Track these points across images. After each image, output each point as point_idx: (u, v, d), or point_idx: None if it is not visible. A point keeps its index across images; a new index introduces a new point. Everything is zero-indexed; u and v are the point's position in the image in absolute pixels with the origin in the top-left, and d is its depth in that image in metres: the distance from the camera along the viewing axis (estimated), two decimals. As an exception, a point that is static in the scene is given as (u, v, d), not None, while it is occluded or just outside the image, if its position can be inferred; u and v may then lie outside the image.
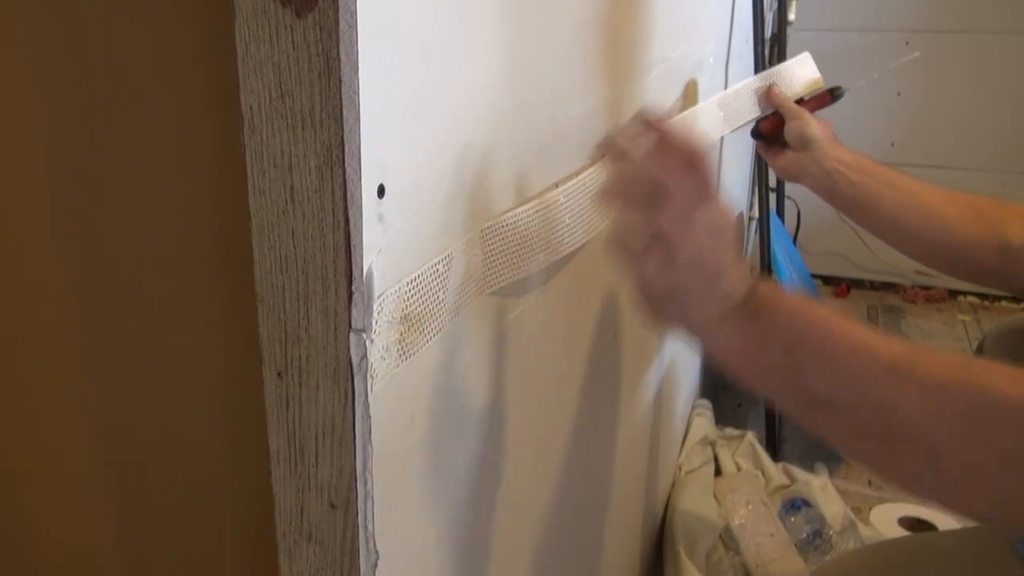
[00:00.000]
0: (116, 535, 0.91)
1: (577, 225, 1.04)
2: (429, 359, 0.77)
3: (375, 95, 0.63)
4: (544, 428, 1.12)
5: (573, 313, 1.18)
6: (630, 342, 1.57)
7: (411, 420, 0.75)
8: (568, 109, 1.04)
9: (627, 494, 1.71)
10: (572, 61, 1.04)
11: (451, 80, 0.75)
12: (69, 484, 0.92)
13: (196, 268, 0.77)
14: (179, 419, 0.83)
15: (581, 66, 1.08)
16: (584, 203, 1.06)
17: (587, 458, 1.36)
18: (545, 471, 1.15)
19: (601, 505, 1.51)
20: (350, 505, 0.71)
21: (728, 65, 2.29)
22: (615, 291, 1.40)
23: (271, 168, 0.65)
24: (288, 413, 0.71)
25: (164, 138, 0.75)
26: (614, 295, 1.39)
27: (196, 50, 0.71)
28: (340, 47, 0.60)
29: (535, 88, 0.94)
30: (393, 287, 0.69)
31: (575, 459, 1.28)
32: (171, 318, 0.80)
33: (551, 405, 1.14)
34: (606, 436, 1.47)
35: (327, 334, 0.67)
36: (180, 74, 0.73)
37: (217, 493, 0.85)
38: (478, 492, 0.94)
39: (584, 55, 1.08)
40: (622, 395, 1.56)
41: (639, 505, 1.87)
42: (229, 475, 0.83)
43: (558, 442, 1.19)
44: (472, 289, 0.83)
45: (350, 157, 0.62)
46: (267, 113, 0.63)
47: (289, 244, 0.66)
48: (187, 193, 0.75)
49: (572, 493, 1.29)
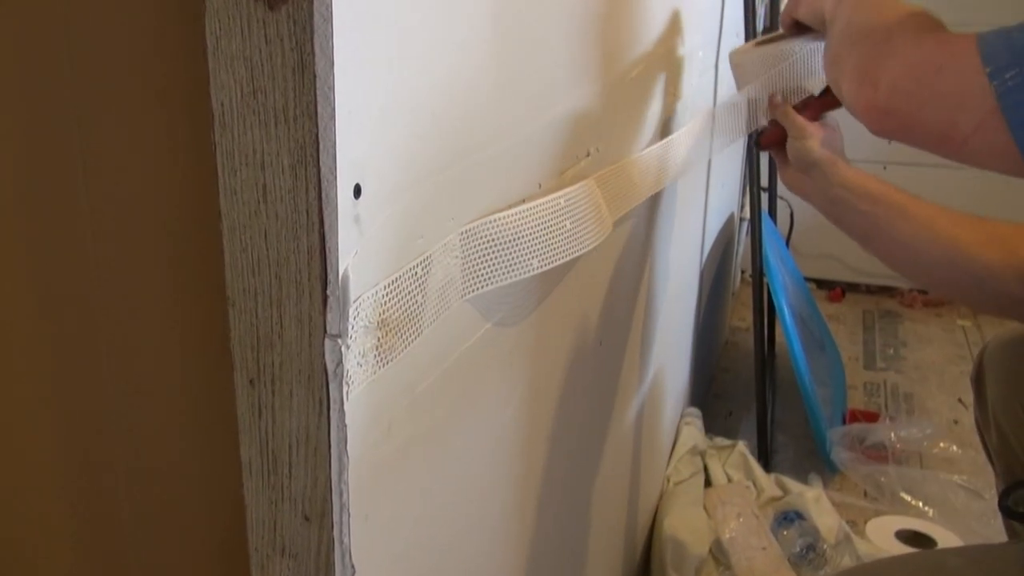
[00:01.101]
0: (81, 547, 0.91)
1: (582, 231, 1.03)
2: (407, 366, 0.77)
3: (351, 91, 0.63)
4: (526, 437, 1.12)
5: (556, 319, 1.18)
6: (615, 349, 1.57)
7: (388, 429, 0.76)
8: (553, 106, 1.05)
9: (612, 505, 1.72)
10: (557, 57, 1.05)
11: (431, 75, 0.75)
12: (33, 493, 0.91)
13: (164, 271, 0.77)
14: (147, 428, 0.83)
15: (566, 62, 1.08)
16: (589, 210, 1.05)
17: (570, 468, 1.36)
18: (527, 481, 1.15)
19: (585, 516, 1.51)
20: (325, 517, 0.71)
21: (718, 62, 2.30)
22: (600, 296, 1.40)
23: (243, 167, 0.65)
24: (260, 422, 0.71)
25: (131, 136, 0.74)
26: (599, 300, 1.40)
27: (164, 44, 0.71)
28: (315, 41, 0.60)
29: (520, 84, 0.94)
30: (370, 291, 0.69)
31: (558, 469, 1.28)
32: (139, 323, 0.80)
33: (533, 413, 1.14)
34: (591, 445, 1.48)
35: (301, 340, 0.67)
36: (147, 69, 0.72)
37: (186, 505, 0.85)
38: (458, 503, 0.94)
39: (570, 50, 1.09)
40: (607, 403, 1.56)
41: (625, 517, 1.87)
42: (199, 486, 0.83)
43: (540, 451, 1.19)
44: (452, 293, 0.83)
45: (325, 156, 0.62)
46: (238, 110, 0.64)
47: (261, 246, 0.66)
48: (155, 194, 0.75)
49: (555, 504, 1.29)
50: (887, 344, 3.44)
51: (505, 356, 1.01)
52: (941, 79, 0.98)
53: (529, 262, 0.93)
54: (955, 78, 0.97)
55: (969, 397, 1.83)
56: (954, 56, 0.97)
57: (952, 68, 0.97)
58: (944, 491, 2.45)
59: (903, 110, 1.02)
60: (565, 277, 1.18)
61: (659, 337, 1.98)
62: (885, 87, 1.04)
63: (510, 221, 0.91)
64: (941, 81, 0.98)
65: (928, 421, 2.79)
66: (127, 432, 0.84)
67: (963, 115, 0.96)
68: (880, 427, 2.70)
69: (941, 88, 0.98)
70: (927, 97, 1.00)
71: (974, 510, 2.36)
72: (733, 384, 3.10)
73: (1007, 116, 0.92)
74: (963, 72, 0.96)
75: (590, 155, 1.20)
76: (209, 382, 0.77)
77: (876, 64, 1.06)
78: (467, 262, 0.86)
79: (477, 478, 0.98)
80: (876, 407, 2.96)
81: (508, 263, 0.90)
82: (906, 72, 1.02)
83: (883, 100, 1.04)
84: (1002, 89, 0.92)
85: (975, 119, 0.95)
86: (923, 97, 1.00)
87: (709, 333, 2.93)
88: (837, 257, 3.82)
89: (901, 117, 1.03)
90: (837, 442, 2.57)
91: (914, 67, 1.01)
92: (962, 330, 3.57)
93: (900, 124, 1.04)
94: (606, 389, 1.54)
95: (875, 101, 1.06)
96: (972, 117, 0.95)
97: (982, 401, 1.65)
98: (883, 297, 3.86)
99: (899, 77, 1.03)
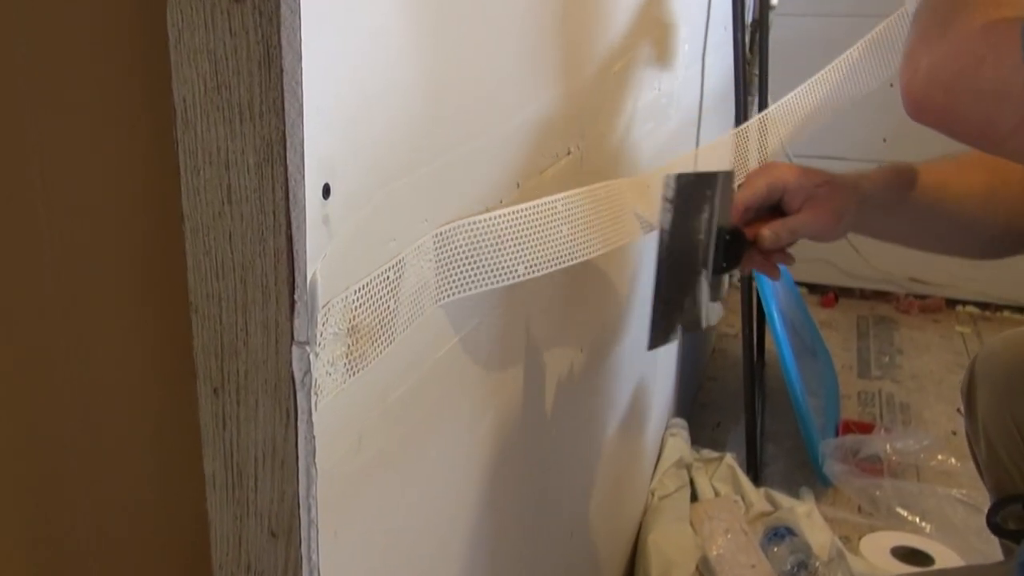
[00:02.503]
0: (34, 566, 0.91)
1: (582, 237, 1.02)
2: (379, 374, 0.78)
3: (320, 86, 0.63)
4: (503, 449, 1.12)
5: (535, 326, 1.19)
6: (597, 356, 1.57)
7: (359, 441, 0.76)
8: (531, 103, 1.05)
9: (594, 521, 1.72)
10: (535, 53, 1.05)
11: (403, 70, 0.75)
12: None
13: (124, 275, 0.77)
14: (106, 439, 0.83)
15: (544, 58, 1.08)
16: (589, 215, 1.04)
17: (550, 482, 1.37)
18: (504, 495, 1.15)
19: (566, 532, 1.51)
20: (292, 534, 0.71)
21: (705, 55, 2.31)
22: (582, 302, 1.40)
23: (206, 166, 0.65)
24: (225, 433, 0.71)
25: (90, 133, 0.74)
26: (580, 306, 1.40)
27: (123, 36, 0.71)
28: (281, 34, 0.61)
29: (496, 81, 0.95)
30: (339, 296, 0.69)
31: (537, 483, 1.29)
32: (97, 329, 0.80)
33: (511, 424, 1.14)
34: (571, 457, 1.48)
35: (267, 347, 0.68)
36: (106, 63, 0.72)
37: (147, 520, 0.84)
38: (431, 518, 0.94)
39: (547, 46, 1.09)
40: (588, 414, 1.57)
41: (607, 533, 1.88)
42: (160, 500, 0.83)
43: (518, 464, 1.19)
44: (426, 299, 0.84)
45: (292, 154, 0.63)
46: (202, 106, 0.64)
47: (226, 249, 0.66)
48: (115, 194, 0.75)
49: (533, 519, 1.30)
50: (882, 351, 3.45)
51: (481, 364, 1.01)
52: (981, 72, 0.95)
53: (514, 268, 0.92)
54: (995, 72, 0.93)
55: (968, 408, 1.83)
56: (996, 47, 0.94)
57: (992, 61, 0.94)
58: (942, 506, 2.46)
59: (940, 103, 0.99)
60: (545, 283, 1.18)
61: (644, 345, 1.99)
62: (923, 74, 1.00)
63: (492, 224, 0.91)
64: (981, 75, 0.95)
65: (925, 432, 2.80)
66: (85, 444, 0.84)
67: (1002, 112, 0.94)
68: (875, 438, 2.70)
69: (980, 83, 0.95)
70: (965, 91, 0.97)
71: (973, 526, 2.36)
72: (721, 394, 3.10)
73: None
74: (1003, 65, 0.93)
75: (571, 153, 1.20)
76: (171, 391, 0.77)
77: (925, 43, 1.01)
78: (442, 266, 0.86)
79: (452, 492, 0.99)
80: (871, 417, 2.97)
81: (489, 268, 0.90)
82: (947, 60, 0.98)
83: (919, 88, 1.01)
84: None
85: (1015, 117, 0.93)
86: (961, 90, 0.97)
87: (696, 340, 2.94)
88: (829, 260, 3.82)
89: (938, 110, 1.00)
90: (830, 454, 2.58)
91: (956, 56, 0.97)
92: (961, 337, 3.58)
93: (936, 117, 1.01)
94: (587, 398, 1.54)
95: (912, 88, 1.02)
96: (1012, 115, 0.93)
97: (972, 413, 1.66)
98: (878, 302, 3.87)
99: (939, 65, 0.99)
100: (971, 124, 0.98)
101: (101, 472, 0.84)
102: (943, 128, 1.01)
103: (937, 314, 3.77)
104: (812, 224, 1.33)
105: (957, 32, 0.98)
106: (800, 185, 1.33)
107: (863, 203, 1.35)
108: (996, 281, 3.69)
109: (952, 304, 3.83)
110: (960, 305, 3.83)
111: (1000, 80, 0.93)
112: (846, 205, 1.34)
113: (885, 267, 3.76)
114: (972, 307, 3.82)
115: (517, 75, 1.01)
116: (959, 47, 0.97)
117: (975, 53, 0.95)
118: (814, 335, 3.16)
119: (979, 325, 3.69)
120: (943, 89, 0.98)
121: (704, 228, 1.27)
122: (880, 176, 1.37)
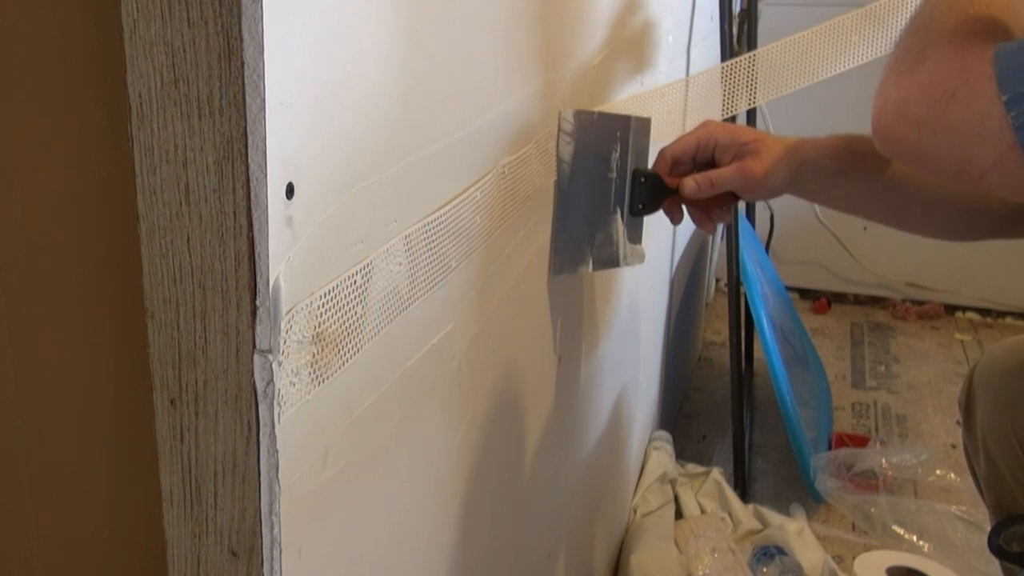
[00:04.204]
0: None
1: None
2: (346, 384, 0.78)
3: (283, 80, 0.64)
4: (477, 463, 1.13)
5: (509, 333, 1.19)
6: (575, 366, 1.58)
7: (325, 455, 0.76)
8: (508, 98, 1.06)
9: (572, 540, 1.72)
10: (515, 44, 1.06)
11: (371, 63, 0.76)
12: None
13: (76, 279, 0.77)
14: (55, 452, 0.83)
15: (525, 49, 1.09)
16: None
17: (526, 498, 1.37)
18: (478, 513, 1.15)
19: (542, 553, 1.52)
20: (254, 553, 0.71)
21: (690, 47, 2.31)
22: (559, 308, 1.41)
23: (163, 164, 0.65)
24: (182, 446, 0.71)
25: (38, 130, 0.74)
26: (558, 312, 1.41)
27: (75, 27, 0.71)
28: (243, 24, 0.61)
29: (471, 74, 0.95)
30: (304, 301, 0.70)
31: (512, 499, 1.29)
32: (47, 337, 0.79)
33: (485, 437, 1.14)
34: (548, 472, 1.48)
35: (227, 355, 0.68)
36: (57, 56, 0.72)
37: (100, 539, 0.84)
38: (401, 537, 0.94)
39: (528, 36, 1.09)
40: (567, 426, 1.57)
41: (587, 553, 1.88)
42: (114, 519, 0.83)
43: (492, 480, 1.20)
44: (396, 304, 0.84)
45: (254, 151, 0.63)
46: (158, 101, 0.64)
47: (184, 252, 0.67)
48: (66, 194, 0.75)
49: (509, 537, 1.30)
50: (877, 360, 3.47)
51: (453, 374, 1.01)
52: (954, 108, 0.94)
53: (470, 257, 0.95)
54: (968, 107, 0.93)
55: (968, 420, 1.84)
56: (968, 81, 0.93)
57: (966, 95, 0.93)
58: (941, 523, 2.46)
59: (912, 141, 0.99)
60: (519, 286, 1.19)
61: (625, 353, 2.00)
62: (893, 108, 1.00)
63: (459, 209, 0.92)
64: (954, 110, 0.94)
65: (923, 446, 2.81)
66: (33, 457, 0.84)
67: (980, 149, 0.93)
68: (870, 452, 2.71)
69: (953, 119, 0.94)
70: (939, 128, 0.96)
71: (974, 545, 2.37)
72: (707, 405, 3.11)
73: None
74: (978, 100, 0.92)
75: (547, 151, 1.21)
76: (125, 402, 0.77)
77: (896, 76, 1.02)
78: (414, 267, 0.86)
79: (423, 509, 0.99)
80: (865, 430, 2.98)
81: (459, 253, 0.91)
82: (918, 95, 0.98)
83: (889, 124, 1.01)
84: (1020, 121, 0.90)
85: (993, 154, 0.92)
86: (935, 128, 0.96)
87: (680, 348, 2.94)
88: (822, 264, 3.84)
89: (910, 147, 1.00)
90: (822, 469, 2.59)
91: (927, 90, 0.97)
92: (960, 345, 3.60)
93: (908, 153, 1.01)
94: (565, 410, 1.54)
95: (882, 123, 1.02)
96: (990, 152, 0.92)
97: (971, 426, 1.66)
98: (873, 308, 3.88)
99: (909, 100, 0.98)
100: (946, 162, 0.97)
101: (50, 488, 0.84)
102: (916, 165, 1.03)
103: (935, 321, 3.78)
104: (734, 177, 1.41)
105: (927, 66, 0.98)
106: (731, 141, 1.42)
107: (802, 166, 1.40)
108: (998, 286, 3.70)
109: (951, 310, 3.84)
110: (960, 311, 3.84)
111: (974, 116, 0.93)
112: (776, 164, 1.40)
113: (881, 271, 3.77)
114: (972, 313, 3.83)
115: (492, 69, 1.02)
116: (930, 81, 0.97)
117: (947, 87, 0.95)
118: (806, 343, 3.17)
119: (980, 332, 3.70)
120: (914, 126, 0.98)
121: (615, 168, 1.42)
122: (829, 143, 1.41)
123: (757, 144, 1.41)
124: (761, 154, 1.40)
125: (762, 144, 1.41)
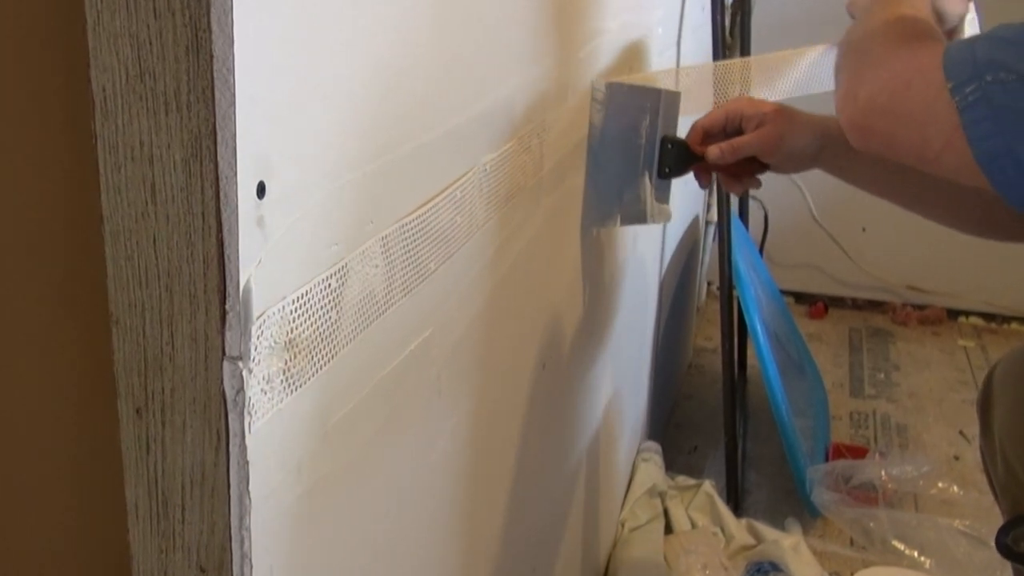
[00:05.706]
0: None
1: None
2: (320, 393, 0.78)
3: (254, 74, 0.64)
4: (458, 475, 1.13)
5: (492, 339, 1.19)
6: (561, 374, 1.58)
7: (298, 466, 0.76)
8: (490, 90, 1.06)
9: (558, 556, 1.72)
10: (495, 35, 1.06)
11: (348, 56, 0.76)
12: None
13: (38, 283, 0.77)
14: (16, 464, 0.83)
15: (503, 44, 1.09)
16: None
17: (509, 512, 1.37)
18: (458, 528, 1.16)
19: (527, 568, 1.52)
20: (223, 569, 0.71)
21: (680, 39, 2.32)
22: (543, 312, 1.41)
23: (128, 162, 0.65)
24: (149, 458, 0.71)
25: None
26: (542, 317, 1.41)
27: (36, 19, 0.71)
28: (211, 16, 0.61)
29: (451, 66, 0.95)
30: (276, 306, 0.70)
31: (493, 512, 1.29)
32: (6, 343, 0.79)
33: (466, 448, 1.15)
34: (532, 485, 1.48)
35: (195, 362, 0.68)
36: (16, 48, 0.72)
37: (63, 555, 0.84)
38: (380, 552, 0.95)
39: (506, 32, 1.10)
40: (551, 437, 1.57)
41: (572, 569, 1.88)
42: (78, 533, 0.83)
43: (473, 492, 1.20)
44: (372, 309, 0.84)
45: (223, 149, 0.63)
46: (123, 95, 0.64)
47: (150, 254, 0.67)
48: (27, 193, 0.75)
49: (492, 553, 1.30)
50: (877, 368, 3.47)
51: (433, 381, 1.02)
52: (910, 96, 1.11)
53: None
54: (922, 94, 1.09)
55: (972, 429, 1.84)
56: (920, 71, 1.10)
57: (919, 84, 1.10)
58: (943, 538, 2.47)
59: (880, 128, 1.16)
60: (501, 291, 1.19)
61: (612, 360, 2.00)
62: (863, 103, 1.17)
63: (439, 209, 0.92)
64: (910, 97, 1.11)
65: (924, 457, 2.81)
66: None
67: (932, 132, 1.08)
68: (869, 464, 2.71)
69: (910, 105, 1.11)
70: (900, 115, 1.12)
71: (977, 561, 2.37)
72: (698, 414, 3.11)
73: (967, 133, 1.03)
74: (928, 88, 1.08)
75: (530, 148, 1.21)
76: (89, 412, 0.77)
77: (859, 77, 1.19)
78: (391, 270, 0.87)
79: (401, 524, 0.99)
80: (864, 441, 2.99)
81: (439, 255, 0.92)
82: (880, 88, 1.15)
83: (860, 117, 1.18)
84: (963, 105, 1.04)
85: (943, 137, 1.07)
86: (897, 114, 1.13)
87: (670, 354, 2.95)
88: (819, 267, 3.83)
89: (879, 135, 1.16)
90: (819, 481, 2.59)
91: (888, 80, 1.14)
92: (964, 351, 3.60)
93: (879, 141, 1.16)
94: (550, 420, 1.54)
95: (854, 119, 1.19)
96: (940, 134, 1.07)
97: (988, 430, 1.66)
98: (872, 313, 3.88)
99: (875, 93, 1.15)
100: (908, 146, 1.13)
101: (11, 501, 0.84)
102: (887, 152, 1.18)
103: (937, 326, 3.78)
104: (754, 143, 1.60)
105: (887, 60, 1.16)
106: (755, 112, 1.61)
107: (827, 138, 1.57)
108: (1003, 289, 3.69)
109: (954, 315, 3.83)
110: (963, 316, 3.83)
111: (927, 101, 1.09)
112: (793, 131, 1.59)
113: (880, 274, 3.77)
114: (976, 318, 3.82)
115: (474, 63, 1.02)
116: (890, 72, 1.14)
117: (903, 78, 1.12)
118: (801, 349, 3.18)
119: (984, 338, 3.70)
120: (881, 113, 1.15)
121: (644, 134, 1.63)
122: None
123: (777, 114, 1.59)
124: (779, 121, 1.59)
125: (781, 114, 1.60)
